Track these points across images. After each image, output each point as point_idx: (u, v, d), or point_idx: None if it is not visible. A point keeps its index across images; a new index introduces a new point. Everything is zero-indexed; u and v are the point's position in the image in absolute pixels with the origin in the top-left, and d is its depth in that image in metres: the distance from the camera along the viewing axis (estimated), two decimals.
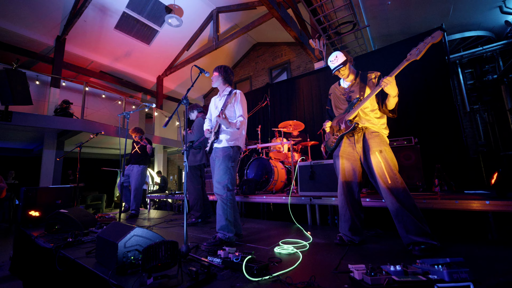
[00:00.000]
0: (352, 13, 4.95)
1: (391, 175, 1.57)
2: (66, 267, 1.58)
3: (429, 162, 3.20)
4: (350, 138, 1.80)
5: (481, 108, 5.65)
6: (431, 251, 1.39)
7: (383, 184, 1.57)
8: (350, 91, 1.84)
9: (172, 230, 2.54)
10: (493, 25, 5.33)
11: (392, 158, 1.63)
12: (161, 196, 4.78)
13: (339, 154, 1.82)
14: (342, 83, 1.93)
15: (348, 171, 1.77)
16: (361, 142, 1.73)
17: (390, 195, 1.54)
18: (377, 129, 1.72)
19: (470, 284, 0.88)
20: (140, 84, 9.10)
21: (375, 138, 1.69)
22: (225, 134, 2.03)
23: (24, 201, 2.81)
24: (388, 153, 1.64)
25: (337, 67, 1.78)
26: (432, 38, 1.43)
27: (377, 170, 1.61)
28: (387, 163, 1.60)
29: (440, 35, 1.41)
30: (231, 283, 1.12)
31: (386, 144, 1.69)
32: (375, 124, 1.73)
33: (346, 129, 1.76)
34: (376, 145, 1.66)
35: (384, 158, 1.61)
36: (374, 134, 1.71)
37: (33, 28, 6.04)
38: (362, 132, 1.75)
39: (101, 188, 9.16)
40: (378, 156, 1.62)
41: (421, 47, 1.48)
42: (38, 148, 7.85)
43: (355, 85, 1.82)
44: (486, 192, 2.34)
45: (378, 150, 1.64)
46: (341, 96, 1.90)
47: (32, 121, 4.98)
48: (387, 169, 1.58)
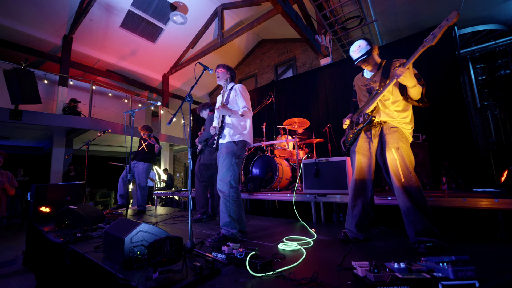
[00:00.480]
0: (359, 7, 4.85)
1: (405, 173, 1.51)
2: (75, 261, 1.63)
3: (437, 159, 3.14)
4: (367, 133, 1.73)
5: (493, 104, 5.48)
6: (437, 249, 1.37)
7: (396, 182, 1.53)
8: (372, 81, 1.73)
9: (177, 226, 2.58)
10: (507, 18, 5.14)
11: (409, 155, 1.56)
12: (168, 193, 4.85)
13: (355, 150, 1.76)
14: (365, 73, 1.83)
15: (363, 167, 1.71)
16: (378, 137, 1.67)
17: (402, 194, 1.50)
18: (396, 123, 1.62)
19: (475, 282, 0.87)
20: (146, 82, 9.19)
21: (393, 133, 1.60)
22: (228, 128, 1.99)
23: (35, 197, 2.90)
24: (405, 150, 1.56)
25: (360, 58, 1.67)
26: (447, 21, 1.36)
27: (391, 167, 1.56)
28: (403, 160, 1.54)
29: (456, 16, 1.33)
30: (234, 278, 1.13)
31: (404, 141, 1.59)
32: (395, 118, 1.62)
33: (363, 123, 1.68)
34: (393, 141, 1.58)
35: (400, 155, 1.55)
36: (393, 129, 1.62)
37: (40, 28, 6.17)
38: (380, 127, 1.67)
39: (109, 185, 9.35)
40: (394, 153, 1.56)
41: (436, 31, 1.40)
42: (48, 146, 8.05)
43: (378, 75, 1.70)
44: (496, 190, 2.28)
45: (395, 146, 1.56)
46: (363, 87, 1.81)
47: (41, 119, 5.11)
48: (402, 167, 1.53)
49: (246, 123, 2.03)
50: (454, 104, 3.35)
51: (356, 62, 1.71)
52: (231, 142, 1.97)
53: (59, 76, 6.21)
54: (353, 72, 4.38)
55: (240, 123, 2.01)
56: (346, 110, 4.45)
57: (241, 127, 2.01)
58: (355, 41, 1.73)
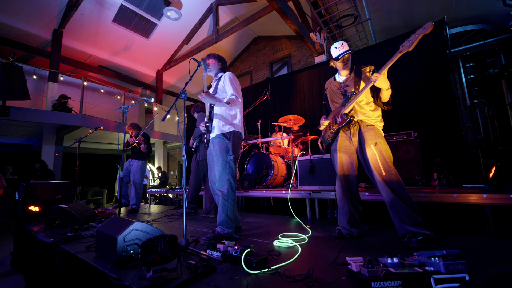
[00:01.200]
0: (354, 5, 4.87)
1: (385, 167, 1.59)
2: (66, 262, 1.60)
3: (429, 156, 3.20)
4: (346, 131, 1.82)
5: (482, 103, 5.62)
6: (428, 241, 1.43)
7: (378, 176, 1.60)
8: (345, 85, 1.85)
9: (172, 224, 2.56)
10: (496, 18, 5.25)
11: (387, 150, 1.65)
12: (162, 191, 4.80)
13: (336, 148, 1.84)
14: (337, 77, 1.95)
15: (346, 164, 1.78)
16: (357, 135, 1.76)
17: (385, 187, 1.57)
18: (372, 122, 1.74)
19: (465, 276, 0.89)
20: (139, 78, 9.02)
21: (370, 131, 1.71)
22: (217, 120, 1.89)
23: (24, 196, 2.82)
24: (383, 146, 1.66)
25: (345, 52, 1.77)
26: (423, 30, 1.47)
27: (372, 162, 1.63)
28: (382, 155, 1.62)
29: (430, 26, 1.45)
30: (230, 276, 1.13)
31: (381, 137, 1.71)
32: (370, 117, 1.75)
33: (342, 123, 1.78)
34: (371, 137, 1.68)
35: (379, 150, 1.64)
36: (370, 127, 1.73)
37: (29, 22, 5.95)
38: (358, 126, 1.77)
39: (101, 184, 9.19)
40: (373, 148, 1.65)
41: (413, 38, 1.50)
42: (37, 144, 7.84)
43: (350, 79, 1.84)
44: (484, 186, 2.34)
45: (374, 142, 1.66)
46: (336, 91, 1.92)
47: (30, 116, 4.96)
48: (382, 161, 1.61)
49: (236, 113, 1.94)
50: (445, 102, 3.41)
51: (340, 56, 1.78)
52: (221, 136, 1.87)
53: (48, 71, 6.02)
54: None
55: (229, 112, 1.91)
56: None
57: (231, 117, 1.91)
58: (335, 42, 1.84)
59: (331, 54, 1.84)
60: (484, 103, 5.60)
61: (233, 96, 1.86)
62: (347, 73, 1.87)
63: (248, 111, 5.10)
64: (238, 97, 1.89)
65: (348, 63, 1.82)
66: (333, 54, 1.82)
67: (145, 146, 3.58)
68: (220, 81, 1.98)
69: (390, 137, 3.23)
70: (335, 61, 1.82)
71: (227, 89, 1.92)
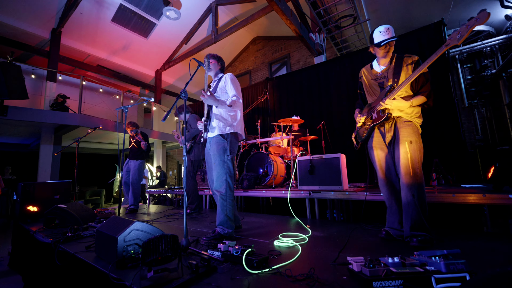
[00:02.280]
0: (353, 6, 4.89)
1: (415, 167, 1.52)
2: (66, 262, 1.59)
3: (428, 156, 3.20)
4: (380, 128, 1.72)
5: (479, 103, 5.66)
6: (428, 242, 1.42)
7: (404, 176, 1.53)
8: (383, 76, 1.69)
9: (172, 224, 2.55)
10: (493, 20, 5.29)
11: (420, 150, 1.57)
12: (161, 191, 4.79)
13: (372, 145, 1.75)
14: (374, 66, 1.77)
15: (385, 161, 1.71)
16: (392, 131, 1.65)
17: (407, 187, 1.52)
18: (410, 118, 1.61)
19: (466, 275, 0.89)
20: (138, 78, 8.99)
21: (407, 127, 1.59)
22: (217, 120, 1.86)
23: (22, 196, 2.80)
24: (417, 145, 1.57)
25: (390, 39, 1.57)
26: (476, 20, 1.24)
27: (402, 161, 1.55)
28: (415, 154, 1.54)
29: (487, 16, 1.21)
30: (231, 276, 1.13)
31: (417, 135, 1.60)
32: (409, 113, 1.61)
33: (378, 119, 1.66)
34: (407, 135, 1.58)
35: (413, 149, 1.55)
36: (407, 123, 1.61)
37: (27, 21, 5.92)
38: (394, 121, 1.65)
39: (100, 184, 9.15)
40: (407, 146, 1.55)
41: (463, 30, 1.30)
42: (35, 143, 7.79)
43: (390, 69, 1.67)
44: (483, 186, 2.36)
45: (409, 140, 1.56)
46: (373, 81, 1.76)
47: (28, 115, 4.92)
48: (412, 161, 1.53)
49: (236, 114, 1.93)
50: (443, 103, 3.43)
51: (386, 41, 1.58)
52: (219, 136, 1.86)
53: (47, 70, 5.98)
54: (346, 71, 4.44)
55: (230, 113, 1.90)
56: (339, 108, 4.49)
57: (231, 118, 1.90)
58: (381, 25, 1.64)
59: (373, 38, 1.64)
60: (482, 103, 5.64)
61: (234, 97, 1.86)
62: (387, 62, 1.68)
63: (248, 111, 5.10)
64: (239, 98, 1.88)
65: (390, 51, 1.64)
66: (376, 39, 1.63)
67: (146, 144, 3.60)
68: (220, 82, 1.97)
69: None
70: (377, 47, 1.63)
71: (229, 90, 1.92)
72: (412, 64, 1.61)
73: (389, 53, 1.65)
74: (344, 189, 2.53)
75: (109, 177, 9.80)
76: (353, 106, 2.01)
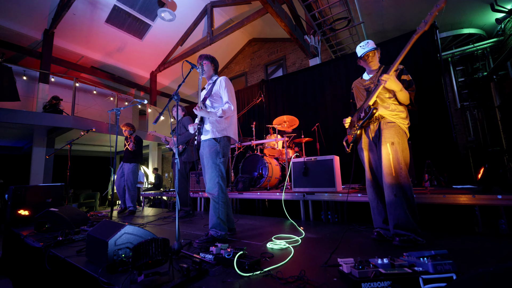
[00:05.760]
0: (347, 9, 4.94)
1: (396, 168, 1.56)
2: (56, 266, 1.57)
3: (420, 158, 3.26)
4: (367, 130, 1.79)
5: (471, 105, 5.76)
6: (411, 242, 1.45)
7: (386, 175, 1.58)
8: (371, 82, 1.81)
9: (165, 227, 2.54)
10: (484, 23, 5.41)
11: (403, 151, 1.60)
12: (156, 193, 4.75)
13: (362, 147, 1.81)
14: (364, 76, 1.91)
15: (373, 162, 1.75)
16: (376, 132, 1.71)
17: (389, 187, 1.56)
18: (393, 118, 1.67)
19: (453, 275, 0.91)
20: (133, 80, 8.93)
21: (389, 129, 1.65)
22: (210, 124, 1.89)
23: (13, 200, 2.75)
24: (400, 146, 1.60)
25: (369, 49, 1.74)
26: (436, 6, 1.40)
27: (384, 161, 1.59)
28: (396, 156, 1.57)
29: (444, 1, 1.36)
30: (222, 279, 1.13)
31: (400, 136, 1.63)
32: (393, 110, 1.68)
33: (365, 115, 1.73)
34: (389, 136, 1.62)
35: (394, 150, 1.59)
36: (390, 124, 1.66)
37: (19, 21, 5.84)
38: (378, 122, 1.72)
39: (94, 186, 9.04)
40: (388, 147, 1.60)
41: (427, 17, 1.44)
42: (27, 146, 7.66)
43: (376, 77, 1.78)
44: (473, 187, 2.40)
45: (390, 141, 1.60)
46: (361, 88, 1.88)
47: (20, 118, 4.84)
48: (394, 162, 1.57)
49: (230, 118, 1.96)
50: (436, 105, 3.48)
51: (362, 55, 1.78)
52: (212, 140, 1.88)
53: (39, 72, 5.91)
54: (341, 73, 4.48)
55: (222, 118, 1.92)
56: (334, 110, 4.53)
57: (224, 122, 1.92)
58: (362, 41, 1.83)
59: (357, 53, 1.83)
60: (473, 105, 5.75)
61: (227, 104, 1.88)
62: (374, 71, 1.83)
63: (243, 113, 5.11)
64: (231, 105, 1.90)
65: (372, 61, 1.79)
66: (358, 53, 1.81)
67: (133, 145, 3.62)
68: (215, 85, 1.97)
69: None
70: (361, 60, 1.81)
71: (223, 95, 1.93)
72: (397, 71, 1.70)
73: (373, 62, 1.80)
74: (337, 190, 2.54)
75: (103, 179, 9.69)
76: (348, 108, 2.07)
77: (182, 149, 3.10)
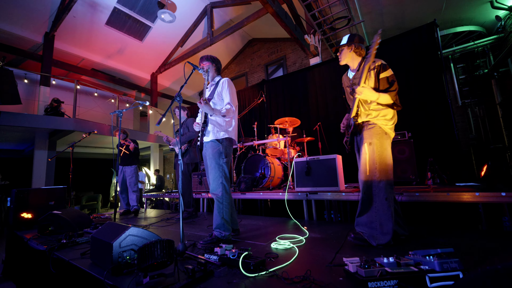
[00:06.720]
0: (347, 8, 4.94)
1: (371, 168, 1.56)
2: (60, 269, 1.57)
3: (423, 155, 3.26)
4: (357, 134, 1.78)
5: (473, 102, 5.74)
6: (362, 241, 1.52)
7: (361, 174, 1.63)
8: (353, 83, 1.73)
9: (169, 228, 2.54)
10: (484, 20, 5.39)
11: (381, 152, 1.57)
12: (158, 195, 4.75)
13: (356, 151, 1.82)
14: (349, 72, 1.83)
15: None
16: (360, 135, 1.73)
17: (362, 187, 1.61)
18: (375, 120, 1.64)
19: (459, 273, 0.91)
20: (134, 81, 8.95)
21: (368, 130, 1.65)
22: (212, 125, 1.90)
23: (15, 203, 2.75)
24: (378, 147, 1.58)
25: (338, 46, 1.71)
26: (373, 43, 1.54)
27: (361, 161, 1.63)
28: (373, 156, 1.57)
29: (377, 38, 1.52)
30: (228, 280, 1.13)
31: (379, 136, 1.60)
32: (374, 116, 1.64)
33: (350, 127, 1.74)
34: (368, 137, 1.63)
35: (371, 150, 1.59)
36: (370, 126, 1.66)
37: (19, 25, 5.85)
38: (362, 125, 1.72)
39: (96, 188, 9.06)
40: (366, 148, 1.61)
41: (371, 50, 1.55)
42: (29, 149, 7.68)
43: (358, 74, 1.69)
44: (476, 184, 2.39)
45: (368, 142, 1.61)
46: (347, 88, 1.83)
47: (21, 121, 4.86)
48: (370, 162, 1.57)
49: (231, 120, 1.96)
50: (437, 102, 3.48)
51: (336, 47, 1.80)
52: (215, 141, 1.89)
53: (40, 75, 5.92)
54: (341, 72, 4.46)
55: (225, 119, 1.94)
56: (335, 109, 4.53)
57: (226, 124, 1.93)
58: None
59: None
60: (475, 102, 5.73)
61: (228, 105, 1.88)
62: (355, 68, 1.74)
63: (244, 113, 5.11)
64: (232, 106, 1.91)
65: (345, 59, 1.74)
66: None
67: (134, 144, 3.73)
68: (218, 86, 1.98)
69: None
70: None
71: (224, 97, 1.94)
72: (374, 69, 1.63)
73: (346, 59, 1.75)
74: (340, 189, 2.54)
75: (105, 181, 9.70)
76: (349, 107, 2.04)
77: (184, 150, 3.11)
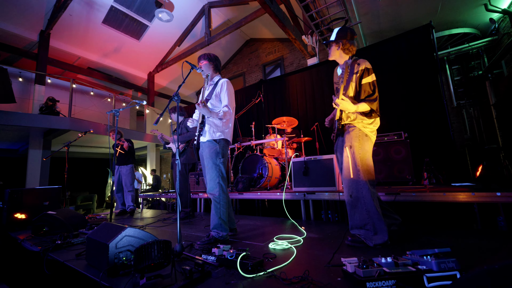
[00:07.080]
0: (344, 9, 4.96)
1: (354, 170, 1.59)
2: (55, 271, 1.54)
3: (419, 156, 3.28)
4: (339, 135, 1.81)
5: (467, 103, 5.82)
6: (360, 243, 1.52)
7: (343, 176, 1.65)
8: (339, 81, 1.73)
9: (166, 229, 2.52)
10: (479, 23, 5.46)
11: (362, 154, 1.58)
12: (154, 195, 4.72)
13: (335, 149, 1.85)
14: (338, 69, 1.82)
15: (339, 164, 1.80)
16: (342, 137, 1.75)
17: (346, 189, 1.63)
18: (355, 123, 1.65)
19: (456, 273, 0.91)
20: (131, 81, 8.88)
21: (349, 133, 1.66)
22: (209, 126, 1.91)
23: (9, 203, 2.71)
24: (358, 149, 1.59)
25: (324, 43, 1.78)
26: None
27: (344, 164, 1.65)
28: (354, 159, 1.59)
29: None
30: (225, 280, 1.12)
31: (359, 139, 1.61)
32: (353, 119, 1.65)
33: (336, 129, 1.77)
34: (348, 140, 1.65)
35: (352, 153, 1.60)
36: (351, 129, 1.67)
37: (14, 22, 5.77)
38: (344, 128, 1.73)
39: (91, 188, 8.96)
40: (347, 150, 1.63)
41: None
42: (23, 148, 7.57)
43: (345, 73, 1.68)
44: (472, 184, 2.42)
45: (348, 145, 1.63)
46: (335, 85, 1.83)
47: (15, 120, 4.78)
48: (352, 164, 1.60)
49: (228, 121, 1.97)
50: (433, 103, 3.51)
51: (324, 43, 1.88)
52: (212, 141, 1.90)
53: (35, 73, 5.84)
54: None
55: (222, 120, 1.94)
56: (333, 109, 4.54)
57: (223, 125, 1.93)
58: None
59: None
60: (469, 103, 5.80)
61: (225, 108, 1.89)
62: (343, 65, 1.73)
63: (242, 113, 5.10)
64: (230, 108, 1.92)
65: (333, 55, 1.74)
66: None
67: (128, 144, 3.73)
68: (216, 87, 1.97)
69: (381, 137, 3.30)
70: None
71: (222, 99, 1.94)
72: (356, 73, 1.62)
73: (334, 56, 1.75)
74: (338, 189, 2.55)
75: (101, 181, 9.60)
76: None
77: (182, 149, 3.10)
